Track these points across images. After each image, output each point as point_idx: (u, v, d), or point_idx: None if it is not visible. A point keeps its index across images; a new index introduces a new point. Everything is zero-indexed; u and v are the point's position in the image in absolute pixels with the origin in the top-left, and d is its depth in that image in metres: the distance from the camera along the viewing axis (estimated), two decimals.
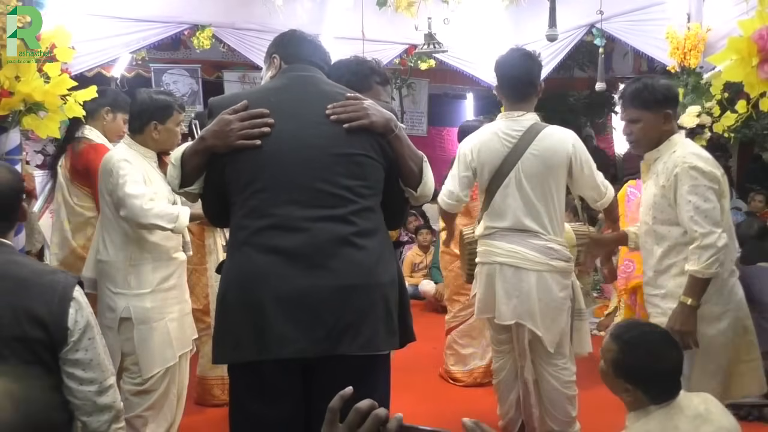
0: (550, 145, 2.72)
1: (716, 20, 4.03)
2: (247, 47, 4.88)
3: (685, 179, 2.31)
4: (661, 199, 2.38)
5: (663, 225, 2.41)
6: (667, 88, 2.48)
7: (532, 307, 2.72)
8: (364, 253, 1.73)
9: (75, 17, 3.75)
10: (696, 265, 2.27)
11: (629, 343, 1.87)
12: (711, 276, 2.27)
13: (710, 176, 2.31)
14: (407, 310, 1.94)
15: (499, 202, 2.75)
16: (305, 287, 1.67)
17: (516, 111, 2.79)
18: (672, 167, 2.35)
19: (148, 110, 2.76)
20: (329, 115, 1.77)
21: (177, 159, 1.83)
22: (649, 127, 2.44)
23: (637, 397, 1.83)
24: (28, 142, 4.64)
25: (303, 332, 1.65)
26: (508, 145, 2.74)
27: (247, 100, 1.79)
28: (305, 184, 1.72)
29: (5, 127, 3.16)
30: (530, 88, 2.80)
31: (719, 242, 2.26)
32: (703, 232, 2.25)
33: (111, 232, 2.71)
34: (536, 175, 2.70)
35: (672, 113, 2.46)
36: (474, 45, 5.65)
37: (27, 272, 1.66)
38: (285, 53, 1.94)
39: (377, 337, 1.73)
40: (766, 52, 2.78)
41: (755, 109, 3.18)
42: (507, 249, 2.74)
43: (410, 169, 1.87)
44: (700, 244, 2.26)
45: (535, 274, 2.71)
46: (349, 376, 1.73)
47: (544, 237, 2.71)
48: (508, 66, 2.82)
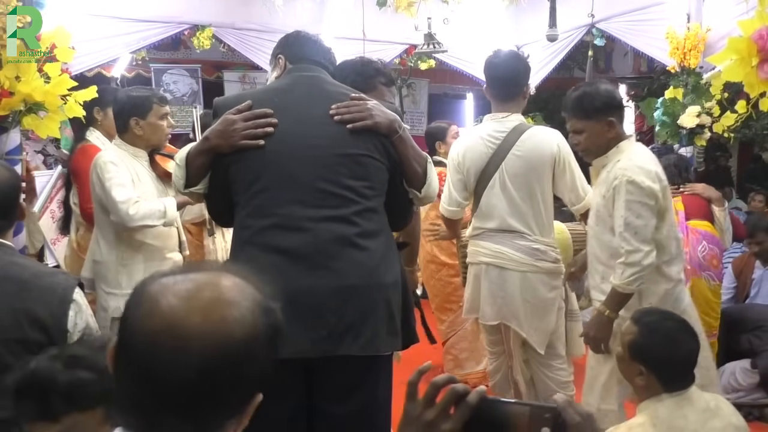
0: (534, 146, 2.70)
1: (716, 20, 4.03)
2: (247, 47, 4.87)
3: (622, 193, 2.29)
4: (603, 208, 2.39)
5: (606, 233, 2.41)
6: (607, 94, 2.43)
7: (516, 307, 2.70)
8: (367, 253, 1.73)
9: (75, 17, 3.75)
10: (617, 279, 2.28)
11: (648, 327, 1.90)
12: (630, 292, 2.29)
13: (647, 192, 2.29)
14: (410, 311, 1.95)
15: (486, 204, 2.75)
16: (307, 287, 1.67)
17: (501, 112, 2.78)
18: (612, 179, 2.34)
19: (126, 107, 2.76)
20: (333, 116, 1.77)
21: (182, 159, 1.83)
22: (594, 136, 2.41)
23: (650, 383, 1.84)
24: (28, 142, 4.63)
25: (304, 332, 1.65)
26: (492, 147, 2.73)
27: (252, 101, 1.79)
28: (308, 184, 1.72)
29: (5, 127, 3.16)
30: (515, 89, 2.78)
31: (645, 260, 2.25)
32: (629, 249, 2.25)
33: (104, 232, 2.73)
34: (520, 175, 2.69)
35: (615, 119, 2.42)
36: (474, 45, 5.64)
37: (28, 274, 1.65)
38: (290, 53, 1.94)
39: (378, 338, 1.73)
40: (766, 52, 2.78)
41: (755, 109, 3.17)
42: (492, 249, 2.73)
43: (414, 170, 1.87)
44: (625, 260, 2.27)
45: (519, 274, 2.69)
46: (350, 376, 1.74)
47: (530, 237, 2.70)
48: (493, 66, 2.81)
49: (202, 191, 1.87)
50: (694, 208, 3.58)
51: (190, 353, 0.77)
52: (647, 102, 4.64)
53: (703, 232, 3.51)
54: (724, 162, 7.73)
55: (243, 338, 0.80)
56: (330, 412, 1.74)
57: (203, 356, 0.77)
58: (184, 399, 0.78)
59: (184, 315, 0.78)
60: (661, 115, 4.26)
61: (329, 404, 1.75)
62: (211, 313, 0.79)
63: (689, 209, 3.55)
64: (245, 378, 0.82)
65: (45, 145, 5.57)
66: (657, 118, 4.32)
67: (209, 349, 0.77)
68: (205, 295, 0.81)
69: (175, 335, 0.77)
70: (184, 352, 0.77)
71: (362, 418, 1.75)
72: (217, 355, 0.78)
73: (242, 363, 0.81)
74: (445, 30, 5.08)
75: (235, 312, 0.81)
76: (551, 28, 4.33)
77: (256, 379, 0.84)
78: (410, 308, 1.95)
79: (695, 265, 3.42)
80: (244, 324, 0.81)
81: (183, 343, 0.77)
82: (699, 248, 3.47)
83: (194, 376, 0.77)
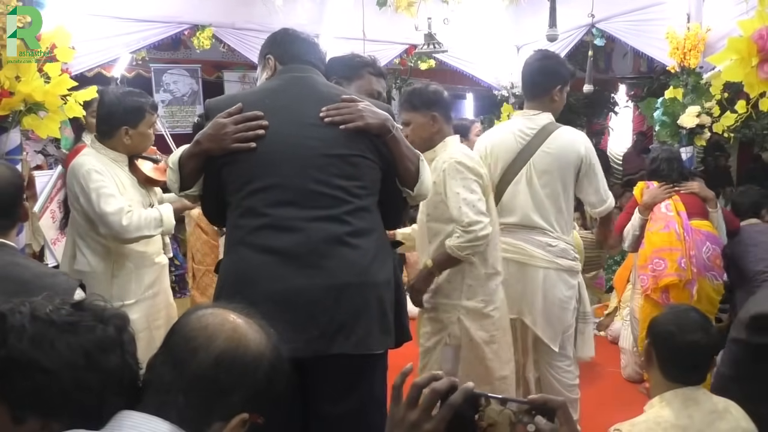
0: (563, 145, 2.74)
1: (716, 20, 4.03)
2: (247, 47, 4.87)
3: (453, 173, 2.46)
4: (434, 195, 2.46)
5: (436, 222, 2.54)
6: (434, 92, 2.63)
7: (534, 303, 2.73)
8: (359, 252, 1.73)
9: (75, 17, 3.74)
10: (453, 242, 2.42)
11: (670, 307, 2.03)
12: (460, 258, 2.44)
13: (474, 171, 2.48)
14: (404, 309, 1.95)
15: (509, 198, 2.78)
16: (299, 287, 1.67)
17: (531, 110, 2.84)
18: (441, 164, 2.50)
19: (117, 114, 2.57)
20: (323, 118, 1.77)
21: (175, 163, 1.83)
22: (419, 127, 2.58)
23: (653, 360, 1.87)
24: (28, 142, 4.62)
25: (296, 332, 1.64)
26: (521, 142, 2.77)
27: (243, 103, 1.79)
28: (300, 184, 1.73)
29: (5, 127, 3.16)
30: (538, 89, 2.83)
31: (482, 232, 2.40)
32: (470, 221, 2.39)
33: (88, 241, 2.57)
34: (547, 172, 2.73)
35: (439, 115, 2.59)
36: (474, 45, 5.65)
37: (29, 275, 1.64)
38: (279, 53, 1.93)
39: (371, 337, 1.73)
40: (765, 52, 2.78)
41: (755, 109, 3.18)
42: (512, 244, 2.76)
43: (407, 168, 1.87)
44: (465, 228, 2.40)
45: (541, 271, 2.72)
46: (344, 375, 1.73)
47: (552, 235, 2.73)
48: (524, 66, 2.90)
49: (197, 193, 1.87)
50: (694, 206, 3.57)
51: (211, 348, 1.04)
52: (647, 102, 4.63)
53: (706, 233, 3.51)
54: (723, 162, 7.74)
55: (254, 353, 1.07)
56: (326, 412, 1.74)
57: (221, 349, 1.04)
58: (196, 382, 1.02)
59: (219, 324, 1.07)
60: (661, 115, 4.26)
61: (324, 404, 1.75)
62: (238, 329, 1.08)
63: (689, 207, 3.54)
64: (245, 386, 1.05)
65: (45, 145, 5.57)
66: (657, 118, 4.32)
67: (227, 346, 1.05)
68: (235, 322, 1.09)
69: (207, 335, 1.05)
70: (207, 347, 1.04)
71: (358, 418, 1.75)
72: (231, 354, 1.04)
73: (247, 369, 1.06)
74: (445, 30, 5.07)
75: (254, 334, 1.09)
76: (551, 28, 4.33)
77: (251, 395, 1.05)
78: (404, 306, 1.95)
79: (700, 266, 3.42)
80: (259, 344, 1.08)
81: (209, 341, 1.04)
82: (703, 249, 3.47)
83: (211, 362, 1.03)
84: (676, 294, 3.35)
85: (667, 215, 3.50)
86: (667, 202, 3.54)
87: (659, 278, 3.39)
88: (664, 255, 3.40)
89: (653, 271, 3.42)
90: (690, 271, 3.36)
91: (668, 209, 3.53)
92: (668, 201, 3.55)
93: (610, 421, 2.00)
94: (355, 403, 1.74)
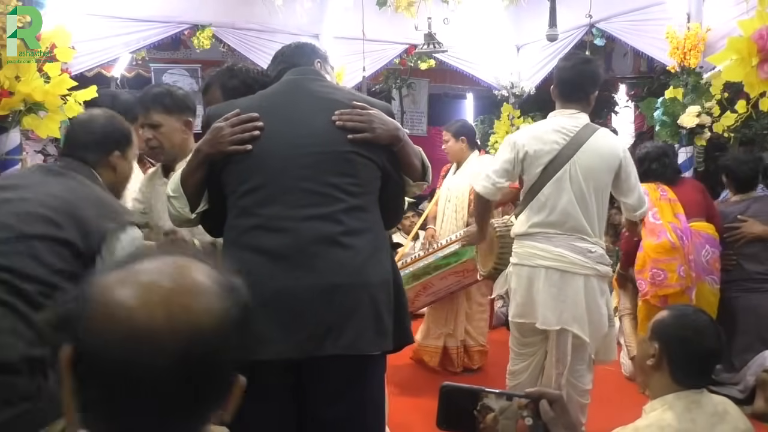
0: (606, 145, 2.71)
1: (716, 20, 4.03)
2: (247, 47, 4.88)
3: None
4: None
5: None
6: (184, 94, 2.39)
7: (580, 312, 2.65)
8: (351, 252, 1.71)
9: (75, 17, 3.75)
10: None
11: (679, 310, 1.95)
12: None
13: None
14: (404, 311, 1.90)
15: (548, 196, 2.69)
16: (288, 288, 1.65)
17: (568, 109, 2.76)
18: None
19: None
20: (335, 121, 1.76)
21: (176, 189, 1.81)
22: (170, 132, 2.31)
23: (661, 368, 1.83)
24: (28, 142, 4.64)
25: (285, 333, 1.63)
26: (564, 138, 2.69)
27: (240, 108, 1.79)
28: (291, 183, 1.72)
29: (5, 127, 3.17)
30: (579, 93, 2.76)
31: None
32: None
33: None
34: (592, 169, 2.67)
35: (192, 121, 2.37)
36: (474, 45, 5.65)
37: (99, 192, 1.84)
38: (286, 64, 1.95)
39: (362, 339, 1.69)
40: (765, 52, 2.78)
41: (755, 109, 3.18)
42: (552, 252, 2.66)
43: (416, 168, 1.88)
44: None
45: (582, 278, 2.65)
46: (337, 377, 1.71)
47: (590, 240, 2.67)
48: (562, 69, 2.83)
49: (207, 207, 1.85)
50: (691, 206, 3.53)
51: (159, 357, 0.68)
52: (647, 102, 4.63)
53: (705, 236, 3.48)
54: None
55: (213, 328, 0.72)
56: (321, 414, 1.72)
57: (173, 358, 0.69)
58: (161, 401, 0.70)
59: (146, 316, 0.69)
60: (661, 115, 4.26)
61: (320, 406, 1.72)
62: (173, 307, 0.70)
63: (688, 208, 3.50)
64: (222, 367, 0.75)
65: (45, 145, 5.59)
66: (657, 118, 4.32)
67: (180, 350, 0.69)
68: (163, 289, 0.71)
69: (139, 340, 0.68)
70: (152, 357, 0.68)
71: (353, 421, 1.72)
72: (188, 353, 0.69)
73: (216, 353, 0.73)
74: (445, 30, 5.07)
75: (201, 299, 0.72)
76: (551, 28, 4.33)
77: (232, 364, 0.78)
78: (405, 308, 1.91)
79: (700, 270, 3.40)
80: (211, 311, 0.72)
81: (150, 347, 0.68)
82: (702, 252, 3.45)
83: (169, 377, 0.69)
84: (675, 299, 3.30)
85: (655, 224, 3.43)
86: (654, 210, 3.45)
87: (660, 288, 3.36)
88: (662, 266, 3.36)
89: (653, 279, 3.39)
90: (689, 277, 3.33)
91: (656, 217, 3.45)
92: (655, 208, 3.46)
93: (610, 421, 2.00)
94: (350, 406, 1.72)
